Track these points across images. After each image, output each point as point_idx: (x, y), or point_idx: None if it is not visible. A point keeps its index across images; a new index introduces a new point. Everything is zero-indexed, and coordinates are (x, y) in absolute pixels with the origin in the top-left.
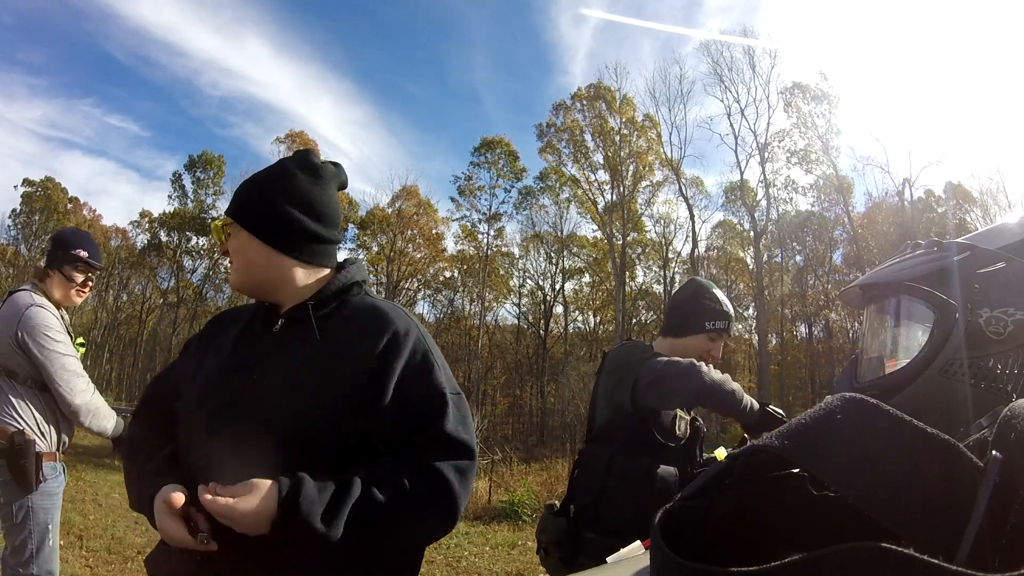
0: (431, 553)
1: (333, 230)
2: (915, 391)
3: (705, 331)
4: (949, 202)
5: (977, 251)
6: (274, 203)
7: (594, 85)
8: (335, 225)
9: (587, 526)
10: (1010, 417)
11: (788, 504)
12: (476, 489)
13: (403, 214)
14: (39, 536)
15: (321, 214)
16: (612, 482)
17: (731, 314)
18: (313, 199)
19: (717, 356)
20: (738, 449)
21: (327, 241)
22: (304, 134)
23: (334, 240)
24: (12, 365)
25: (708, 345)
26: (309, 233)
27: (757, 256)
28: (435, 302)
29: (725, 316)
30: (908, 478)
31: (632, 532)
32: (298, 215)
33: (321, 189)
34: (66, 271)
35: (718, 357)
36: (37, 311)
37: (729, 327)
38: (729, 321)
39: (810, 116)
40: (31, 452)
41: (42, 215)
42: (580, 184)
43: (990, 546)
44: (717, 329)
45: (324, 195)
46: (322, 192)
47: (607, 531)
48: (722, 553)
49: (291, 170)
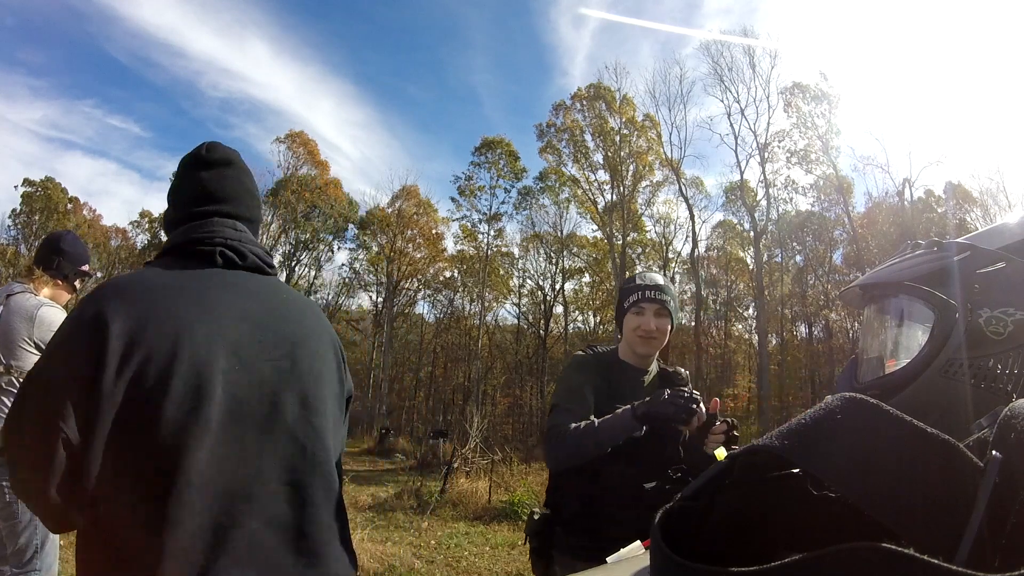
0: (431, 553)
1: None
2: (915, 391)
3: (626, 312)
4: (949, 202)
5: (977, 251)
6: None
7: (594, 85)
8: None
9: (555, 520)
10: (1010, 417)
11: (788, 504)
12: (476, 489)
13: (403, 214)
14: (44, 532)
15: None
16: (562, 478)
17: (642, 283)
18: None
19: (648, 327)
20: (737, 449)
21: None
22: (304, 134)
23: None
24: (24, 364)
25: (636, 322)
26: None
27: (757, 256)
28: (435, 302)
29: (635, 289)
30: (908, 478)
31: (578, 524)
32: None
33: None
34: (70, 280)
35: (650, 328)
36: (49, 311)
37: (644, 295)
38: (641, 290)
39: (810, 116)
40: None
41: (42, 215)
42: (580, 184)
43: (990, 546)
44: (634, 303)
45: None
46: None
47: (561, 522)
48: (722, 553)
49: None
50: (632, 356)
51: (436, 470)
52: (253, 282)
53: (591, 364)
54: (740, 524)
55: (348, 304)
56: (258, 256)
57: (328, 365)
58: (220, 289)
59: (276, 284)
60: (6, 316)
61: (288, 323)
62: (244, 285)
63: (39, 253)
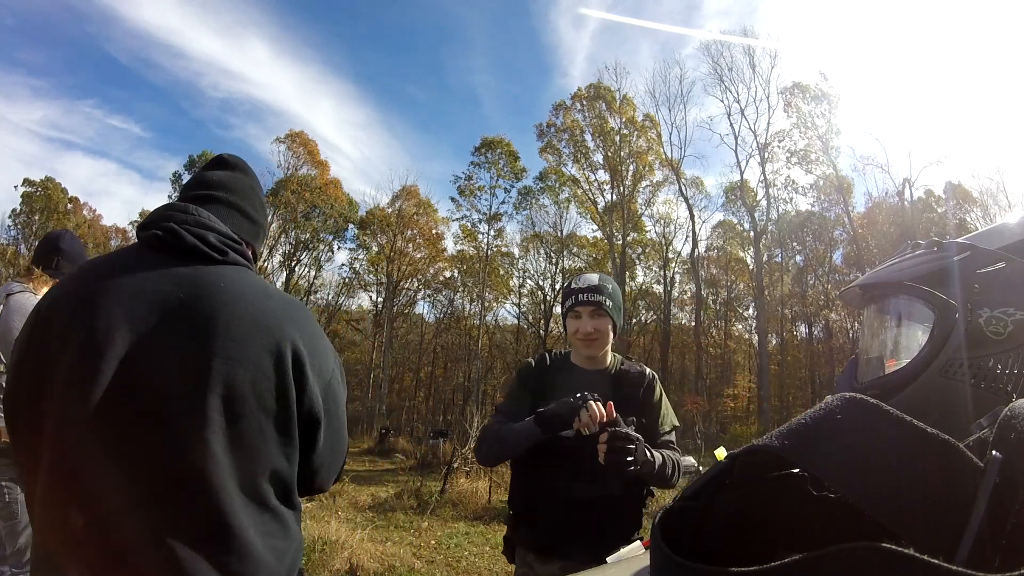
0: (431, 553)
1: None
2: (915, 391)
3: (566, 318)
4: (949, 202)
5: (977, 251)
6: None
7: (594, 85)
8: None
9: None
10: (1010, 417)
11: (788, 504)
12: (476, 489)
13: (403, 214)
14: None
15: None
16: (512, 478)
17: (576, 287)
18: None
19: (586, 330)
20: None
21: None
22: (304, 134)
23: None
24: None
25: (575, 325)
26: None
27: (757, 256)
28: (435, 302)
29: (570, 293)
30: (908, 478)
31: (523, 519)
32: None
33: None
34: None
35: (588, 330)
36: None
37: (579, 299)
38: (575, 294)
39: (810, 116)
40: None
41: (42, 215)
42: (580, 184)
43: (990, 546)
44: (570, 307)
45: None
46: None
47: (514, 517)
48: (722, 553)
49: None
50: (580, 358)
51: (436, 470)
52: (181, 268)
53: (532, 371)
54: (740, 524)
55: (348, 304)
56: (202, 239)
57: (248, 372)
58: (132, 270)
59: (211, 272)
60: (6, 315)
61: (202, 315)
62: (166, 269)
63: (37, 252)
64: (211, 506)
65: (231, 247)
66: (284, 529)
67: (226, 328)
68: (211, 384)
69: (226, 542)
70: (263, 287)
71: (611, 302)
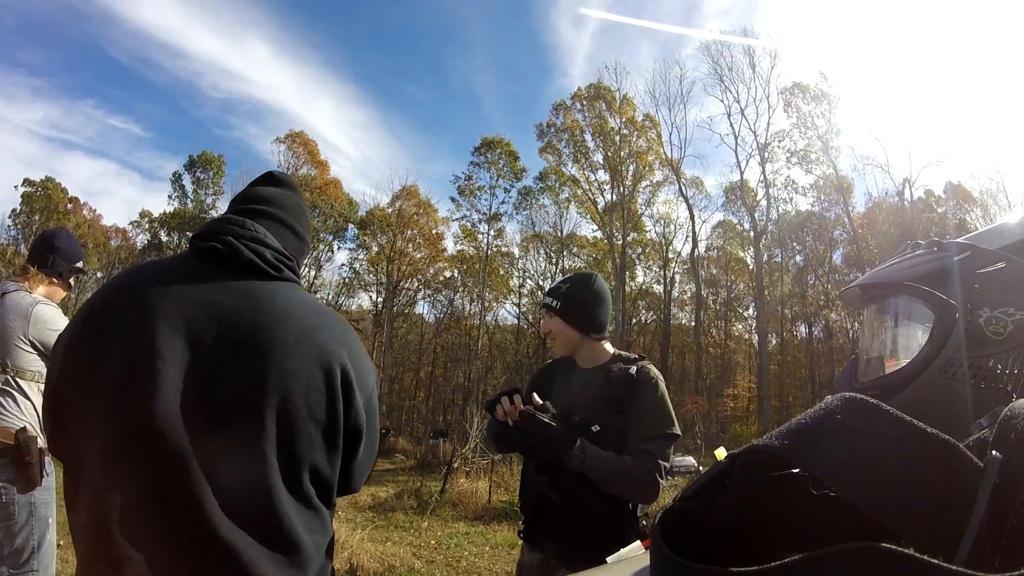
0: (431, 553)
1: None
2: (915, 391)
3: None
4: (949, 202)
5: (977, 251)
6: None
7: (594, 85)
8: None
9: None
10: (1010, 417)
11: (788, 504)
12: (476, 489)
13: (403, 214)
14: (41, 531)
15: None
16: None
17: (549, 289)
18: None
19: (545, 330)
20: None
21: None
22: (304, 134)
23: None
24: (20, 363)
25: (546, 326)
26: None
27: (757, 256)
28: (435, 302)
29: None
30: (908, 478)
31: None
32: None
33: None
34: (65, 277)
35: (546, 331)
36: (44, 309)
37: (543, 305)
38: (546, 299)
39: (810, 116)
40: (35, 448)
41: (42, 215)
42: (580, 184)
43: (990, 546)
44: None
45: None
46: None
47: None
48: (722, 553)
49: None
50: (579, 358)
51: (436, 470)
52: (238, 281)
53: (542, 369)
54: (740, 524)
55: (348, 304)
56: (259, 255)
57: (302, 386)
58: (191, 279)
59: (265, 288)
60: (1, 314)
61: (259, 329)
62: (223, 281)
63: (33, 251)
64: (267, 507)
65: (284, 264)
66: (323, 526)
67: (282, 343)
68: (268, 397)
69: (279, 538)
70: (313, 304)
71: (561, 303)
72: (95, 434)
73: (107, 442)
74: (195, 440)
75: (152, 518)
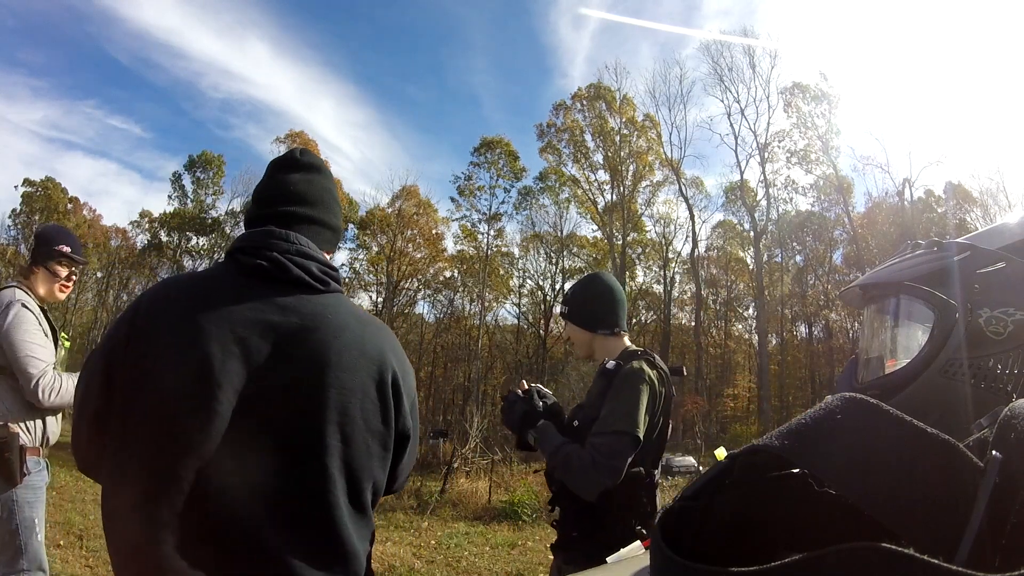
0: (431, 553)
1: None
2: (915, 391)
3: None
4: (949, 202)
5: (977, 251)
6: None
7: (594, 85)
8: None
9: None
10: (1010, 417)
11: (788, 504)
12: (476, 489)
13: (403, 214)
14: (26, 530)
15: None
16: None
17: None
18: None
19: (564, 337)
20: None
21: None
22: (304, 134)
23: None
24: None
25: (564, 332)
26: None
27: (757, 256)
28: (435, 302)
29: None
30: (908, 478)
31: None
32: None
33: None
34: (50, 267)
35: (565, 337)
36: (16, 307)
37: (560, 312)
38: (559, 308)
39: (810, 116)
40: (15, 445)
41: (42, 215)
42: (580, 184)
43: (990, 546)
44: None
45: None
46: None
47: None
48: (722, 553)
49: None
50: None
51: (436, 470)
52: (287, 298)
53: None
54: (740, 524)
55: None
56: (306, 271)
57: (358, 399)
58: (240, 298)
59: (315, 303)
60: None
61: (314, 347)
62: (273, 298)
63: (34, 251)
64: (328, 522)
65: (330, 275)
66: (371, 530)
67: (337, 359)
68: (328, 414)
69: (337, 551)
70: (360, 314)
71: (569, 307)
72: (143, 454)
73: (158, 464)
74: (254, 462)
75: (209, 541)
